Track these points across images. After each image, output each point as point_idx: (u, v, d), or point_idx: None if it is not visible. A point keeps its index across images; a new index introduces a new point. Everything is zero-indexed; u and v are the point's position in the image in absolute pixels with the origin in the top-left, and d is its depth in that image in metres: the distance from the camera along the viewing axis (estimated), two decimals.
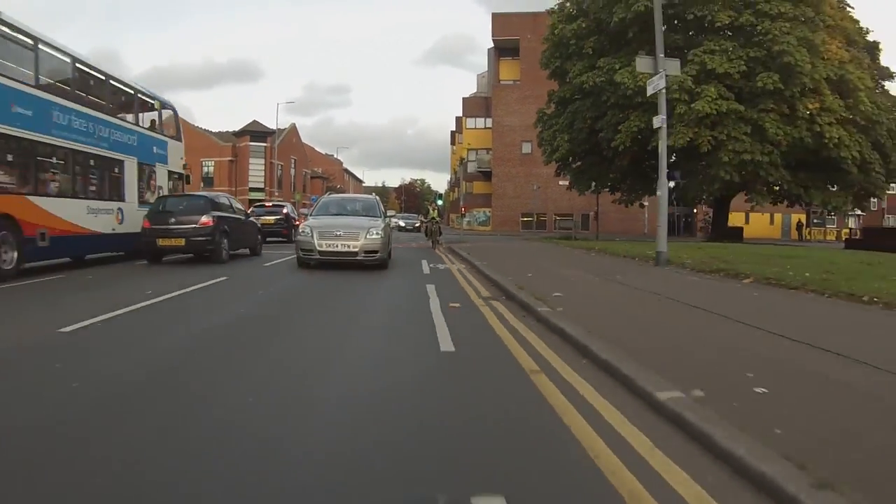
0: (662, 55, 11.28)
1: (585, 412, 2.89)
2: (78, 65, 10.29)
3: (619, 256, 12.63)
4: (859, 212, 43.37)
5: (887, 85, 26.46)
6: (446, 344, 4.49)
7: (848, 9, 25.23)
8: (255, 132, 52.61)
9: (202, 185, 43.46)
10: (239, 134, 52.96)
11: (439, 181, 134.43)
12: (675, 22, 20.92)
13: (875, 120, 20.98)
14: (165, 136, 13.67)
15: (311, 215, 11.75)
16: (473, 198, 51.30)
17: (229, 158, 51.29)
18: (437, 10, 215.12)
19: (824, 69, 19.60)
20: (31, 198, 8.75)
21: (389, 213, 14.88)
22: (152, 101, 13.41)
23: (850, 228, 32.01)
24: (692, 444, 2.43)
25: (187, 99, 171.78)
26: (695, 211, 43.02)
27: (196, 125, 55.71)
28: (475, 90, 61.88)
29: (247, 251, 13.29)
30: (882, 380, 3.16)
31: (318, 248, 9.90)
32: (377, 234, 10.25)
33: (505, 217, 46.28)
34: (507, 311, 6.06)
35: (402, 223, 40.73)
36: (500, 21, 48.73)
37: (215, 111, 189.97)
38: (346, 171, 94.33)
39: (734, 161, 18.89)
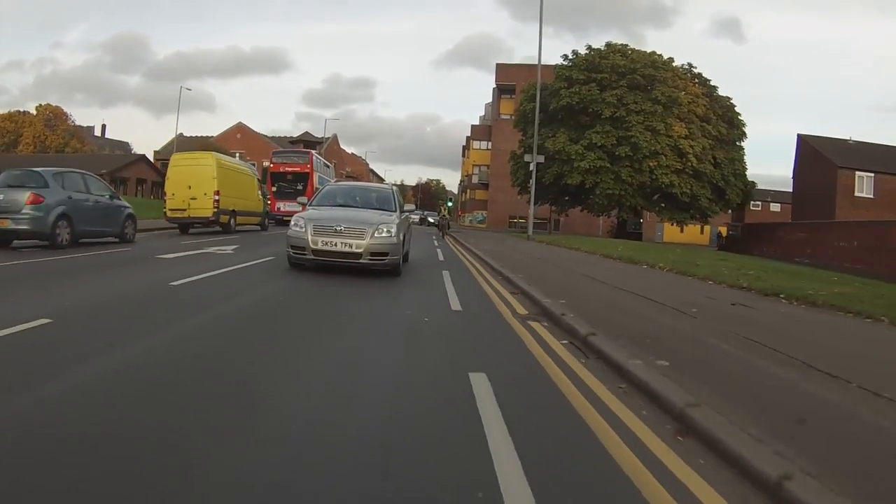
0: (536, 153, 27.12)
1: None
2: (324, 161, 27.15)
3: (520, 238, 28.39)
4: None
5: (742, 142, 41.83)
6: None
7: (715, 94, 40.65)
8: (307, 141, 70.56)
9: None
10: (294, 142, 69.86)
11: (454, 179, 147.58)
12: (584, 111, 36.59)
13: (701, 171, 36.40)
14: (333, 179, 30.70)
15: (310, 205, 10.29)
16: (476, 203, 67.66)
17: None
18: (462, 9, 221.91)
19: (664, 141, 35.07)
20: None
21: (408, 206, 13.47)
22: (332, 162, 31.04)
23: (719, 234, 46.56)
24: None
25: (211, 87, 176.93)
26: (641, 221, 58.56)
27: (259, 133, 72.66)
28: (483, 113, 78.11)
29: None
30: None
31: (312, 247, 8.55)
32: (388, 231, 8.87)
33: (497, 218, 62.21)
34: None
35: (431, 219, 49.86)
36: (502, 69, 64.90)
37: (240, 100, 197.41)
38: (372, 171, 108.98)
39: (604, 194, 34.64)
